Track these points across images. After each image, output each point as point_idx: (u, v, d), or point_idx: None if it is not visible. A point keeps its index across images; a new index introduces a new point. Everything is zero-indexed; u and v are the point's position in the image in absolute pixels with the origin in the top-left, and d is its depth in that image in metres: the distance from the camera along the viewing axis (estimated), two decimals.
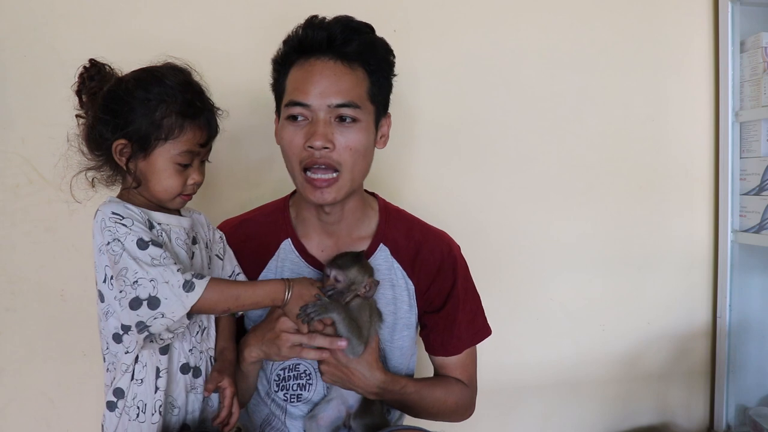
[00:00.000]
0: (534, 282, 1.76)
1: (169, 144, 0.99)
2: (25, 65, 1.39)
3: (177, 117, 0.98)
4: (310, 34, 1.09)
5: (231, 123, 1.17)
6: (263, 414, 1.24)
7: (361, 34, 1.12)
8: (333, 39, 1.09)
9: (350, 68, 1.10)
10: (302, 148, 1.09)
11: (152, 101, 0.97)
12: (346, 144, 1.09)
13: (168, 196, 1.02)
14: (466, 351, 1.29)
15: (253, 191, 1.52)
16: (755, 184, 1.73)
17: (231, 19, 1.50)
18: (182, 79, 1.01)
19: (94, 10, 1.41)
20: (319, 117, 1.08)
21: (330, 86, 1.08)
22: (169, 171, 1.00)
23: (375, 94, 1.13)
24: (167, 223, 1.02)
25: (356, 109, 1.09)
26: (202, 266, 1.07)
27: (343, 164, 1.09)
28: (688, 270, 1.87)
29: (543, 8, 1.70)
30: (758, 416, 1.73)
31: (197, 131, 1.00)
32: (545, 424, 1.81)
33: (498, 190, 1.71)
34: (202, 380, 1.06)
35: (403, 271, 1.23)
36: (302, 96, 1.08)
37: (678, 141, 1.84)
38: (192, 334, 1.05)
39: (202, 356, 1.06)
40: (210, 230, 1.15)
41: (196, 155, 1.02)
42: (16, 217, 1.42)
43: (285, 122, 1.12)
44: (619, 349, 1.83)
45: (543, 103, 1.72)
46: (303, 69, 1.10)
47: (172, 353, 1.02)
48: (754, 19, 1.77)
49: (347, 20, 1.11)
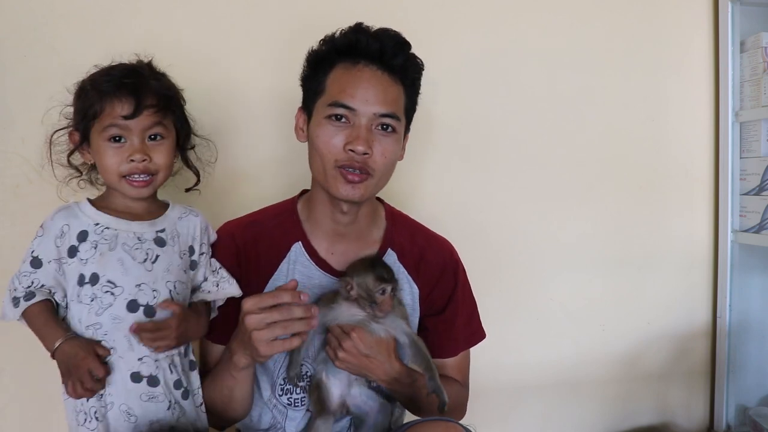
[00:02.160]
0: (534, 282, 1.76)
1: (97, 122, 1.03)
2: (25, 65, 1.39)
3: (98, 94, 1.03)
4: (363, 41, 1.13)
5: (231, 122, 1.18)
6: (268, 419, 1.23)
7: (405, 49, 1.17)
8: (384, 50, 1.13)
9: (394, 81, 1.15)
10: (341, 150, 1.11)
11: (86, 89, 1.05)
12: (383, 152, 1.13)
13: (110, 179, 1.05)
14: (462, 353, 1.32)
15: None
16: (755, 184, 1.73)
17: (231, 19, 1.50)
18: (115, 65, 1.07)
19: (94, 10, 1.41)
20: (362, 123, 1.12)
21: (377, 95, 1.12)
22: (103, 149, 1.04)
23: (408, 109, 1.21)
24: (116, 228, 1.05)
25: (396, 121, 1.15)
26: (167, 269, 1.07)
27: (376, 170, 1.14)
28: (688, 270, 1.87)
29: (543, 8, 1.70)
30: (758, 416, 1.73)
31: (117, 103, 1.02)
32: (545, 424, 1.81)
33: (498, 190, 1.71)
34: (163, 389, 1.05)
35: (408, 276, 1.25)
36: (349, 99, 1.11)
37: (678, 141, 1.84)
38: (142, 343, 1.03)
39: (158, 365, 1.05)
40: (203, 234, 1.16)
41: (126, 130, 1.03)
42: (16, 217, 1.41)
43: (324, 120, 1.13)
44: (619, 349, 1.83)
45: (543, 103, 1.72)
46: (351, 73, 1.13)
47: (117, 363, 1.02)
48: (754, 19, 1.77)
49: (396, 35, 1.16)
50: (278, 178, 1.54)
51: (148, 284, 1.04)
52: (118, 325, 1.02)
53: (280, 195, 1.34)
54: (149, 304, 1.04)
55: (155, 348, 1.03)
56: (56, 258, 1.03)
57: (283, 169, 1.54)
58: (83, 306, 1.02)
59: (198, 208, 1.19)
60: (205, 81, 1.48)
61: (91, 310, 1.02)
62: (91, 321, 1.02)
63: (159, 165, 1.07)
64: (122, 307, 1.02)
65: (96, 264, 1.02)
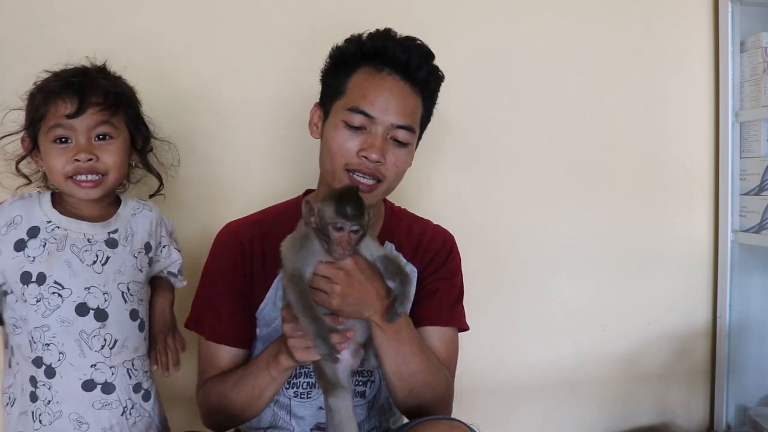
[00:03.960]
0: (534, 282, 1.76)
1: (44, 124, 1.01)
2: (25, 65, 1.39)
3: (44, 96, 1.01)
4: (391, 49, 1.12)
5: (231, 123, 1.18)
6: (267, 417, 1.23)
7: (429, 62, 1.16)
8: (410, 62, 1.13)
9: (414, 93, 1.15)
10: (354, 155, 1.12)
11: (34, 93, 1.04)
12: (395, 162, 1.14)
13: (57, 180, 1.02)
14: (446, 332, 1.25)
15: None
16: (755, 184, 1.73)
17: (232, 18, 1.50)
18: (65, 69, 1.05)
19: (94, 10, 1.41)
20: (379, 131, 1.12)
21: (398, 106, 1.12)
22: (49, 151, 1.01)
23: (423, 121, 1.21)
24: (66, 228, 1.02)
25: (411, 133, 1.15)
26: (119, 270, 1.05)
27: (387, 177, 1.14)
28: (688, 270, 1.87)
29: (543, 9, 1.70)
30: (758, 416, 1.73)
31: (61, 103, 1.00)
32: (545, 424, 1.81)
33: (498, 190, 1.71)
34: (118, 395, 1.02)
35: (407, 261, 1.23)
36: (369, 107, 1.11)
37: (678, 141, 1.84)
38: (94, 349, 1.01)
39: (114, 371, 1.02)
40: (158, 227, 1.15)
41: (71, 129, 1.00)
42: None
43: (341, 123, 1.13)
44: (619, 349, 1.83)
45: (543, 103, 1.72)
46: (374, 80, 1.13)
47: (65, 370, 0.99)
48: (754, 19, 1.77)
49: (421, 46, 1.15)
50: (282, 178, 1.54)
51: (98, 287, 1.02)
52: (68, 329, 0.99)
53: (281, 195, 1.34)
54: (100, 307, 1.01)
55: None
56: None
57: (290, 169, 1.55)
58: (28, 306, 0.99)
59: (203, 209, 1.18)
60: (205, 81, 1.48)
61: (37, 311, 0.99)
62: (38, 323, 0.99)
63: (107, 164, 1.02)
64: (71, 309, 0.99)
65: (44, 263, 0.99)
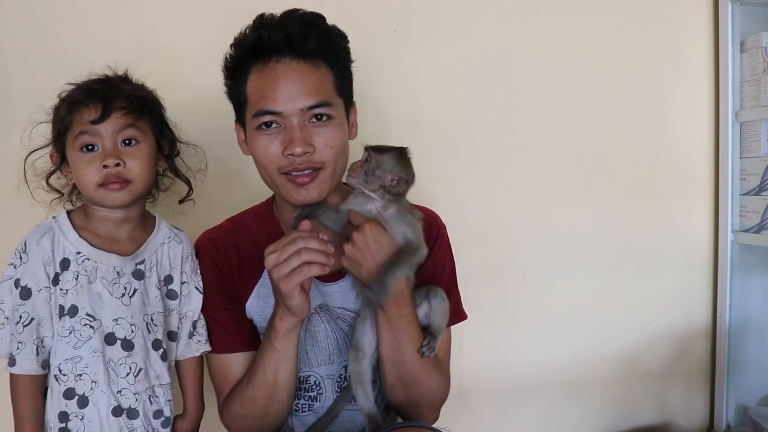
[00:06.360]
0: (534, 282, 1.76)
1: (69, 134, 1.00)
2: (25, 65, 1.39)
3: (68, 106, 1.01)
4: (265, 36, 1.05)
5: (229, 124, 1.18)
6: None
7: (317, 27, 1.07)
8: (291, 38, 1.04)
9: (314, 66, 1.06)
10: (281, 156, 1.06)
11: (58, 106, 1.03)
12: (326, 143, 1.07)
13: (89, 191, 1.01)
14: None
15: None
16: (755, 184, 1.73)
17: (232, 19, 1.50)
18: (88, 79, 1.04)
19: (94, 11, 1.41)
20: (293, 123, 1.05)
21: (299, 89, 1.04)
22: (77, 161, 1.01)
23: (341, 87, 1.11)
24: (96, 260, 1.01)
25: (329, 107, 1.07)
26: (144, 302, 1.05)
27: (326, 163, 1.08)
28: (688, 270, 1.87)
29: (543, 9, 1.70)
30: (758, 416, 1.73)
31: (85, 110, 0.99)
32: (545, 424, 1.81)
33: (498, 190, 1.71)
34: (142, 422, 1.03)
35: None
36: (271, 104, 1.04)
37: (678, 141, 1.84)
38: (120, 376, 1.02)
39: (137, 397, 1.03)
40: (184, 263, 1.13)
41: (96, 136, 0.99)
42: (16, 217, 1.41)
43: (255, 132, 1.08)
44: (619, 349, 1.83)
45: (543, 103, 1.72)
46: (265, 75, 1.06)
47: (98, 397, 1.00)
48: (754, 19, 1.77)
49: (301, 15, 1.06)
50: None
51: (125, 318, 1.02)
52: (99, 358, 1.00)
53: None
54: (126, 338, 1.02)
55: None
56: (47, 285, 0.99)
57: None
58: (60, 339, 0.99)
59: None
60: (206, 82, 1.48)
61: (69, 343, 0.99)
62: (68, 354, 0.99)
63: (134, 171, 1.01)
64: (100, 339, 1.00)
65: (75, 296, 0.99)
